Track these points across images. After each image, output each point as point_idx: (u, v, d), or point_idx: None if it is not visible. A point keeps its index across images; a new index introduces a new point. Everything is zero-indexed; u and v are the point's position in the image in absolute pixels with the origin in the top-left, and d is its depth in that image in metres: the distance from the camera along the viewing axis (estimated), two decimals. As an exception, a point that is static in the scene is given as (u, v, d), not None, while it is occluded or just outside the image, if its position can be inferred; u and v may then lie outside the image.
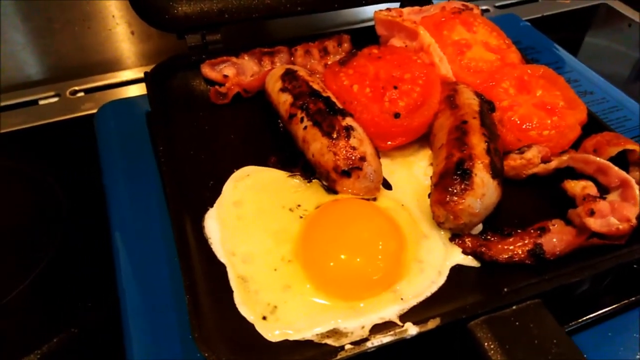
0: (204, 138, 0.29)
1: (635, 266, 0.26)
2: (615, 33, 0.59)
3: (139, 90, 0.50)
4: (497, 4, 0.61)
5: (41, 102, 0.48)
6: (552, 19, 0.60)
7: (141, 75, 0.51)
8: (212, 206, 0.26)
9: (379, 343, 0.19)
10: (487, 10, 0.60)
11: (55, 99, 0.49)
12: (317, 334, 0.21)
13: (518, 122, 0.28)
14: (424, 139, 0.28)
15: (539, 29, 0.58)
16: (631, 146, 0.25)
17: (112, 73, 0.52)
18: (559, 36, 0.59)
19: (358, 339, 0.20)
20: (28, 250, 0.35)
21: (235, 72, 0.31)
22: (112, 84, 0.51)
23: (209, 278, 0.23)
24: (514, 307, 0.21)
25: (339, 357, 0.19)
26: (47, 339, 0.30)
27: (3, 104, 0.47)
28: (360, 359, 0.20)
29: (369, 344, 0.19)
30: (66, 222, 0.36)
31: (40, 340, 0.30)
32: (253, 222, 0.25)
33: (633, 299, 0.25)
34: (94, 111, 0.46)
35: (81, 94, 0.49)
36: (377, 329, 0.20)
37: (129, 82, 0.51)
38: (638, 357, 0.22)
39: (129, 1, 0.30)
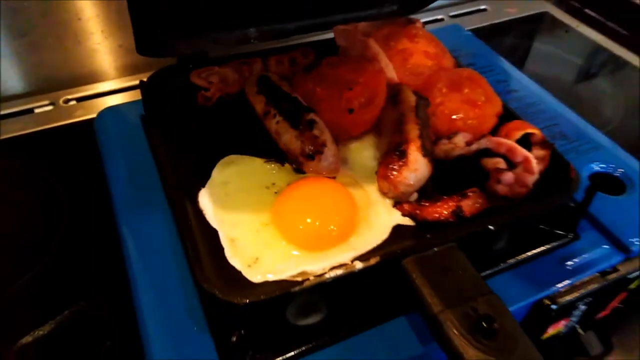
0: (193, 133, 0.37)
1: (541, 227, 0.34)
2: (556, 39, 0.68)
3: (127, 97, 0.57)
4: (450, 14, 0.70)
5: (37, 111, 0.55)
6: (501, 27, 0.69)
7: (128, 84, 0.59)
8: (204, 187, 0.33)
9: (334, 275, 0.27)
10: (441, 20, 0.69)
11: (50, 107, 0.56)
12: (289, 276, 0.28)
13: (448, 114, 0.36)
14: (374, 130, 0.37)
15: (490, 36, 0.67)
16: (531, 130, 0.34)
17: (101, 83, 0.59)
18: (509, 43, 0.68)
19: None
20: (30, 248, 0.41)
21: (218, 79, 0.39)
22: (102, 92, 0.58)
23: (205, 239, 0.30)
24: (435, 249, 0.29)
25: (304, 285, 0.27)
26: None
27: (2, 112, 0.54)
28: (320, 291, 0.28)
29: (326, 276, 0.27)
30: (68, 218, 0.43)
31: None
32: (238, 197, 0.33)
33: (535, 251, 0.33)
34: (86, 117, 0.53)
35: (73, 102, 0.56)
36: (333, 268, 0.28)
37: (117, 90, 0.58)
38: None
39: (135, 43, 0.35)
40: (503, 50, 0.64)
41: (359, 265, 0.28)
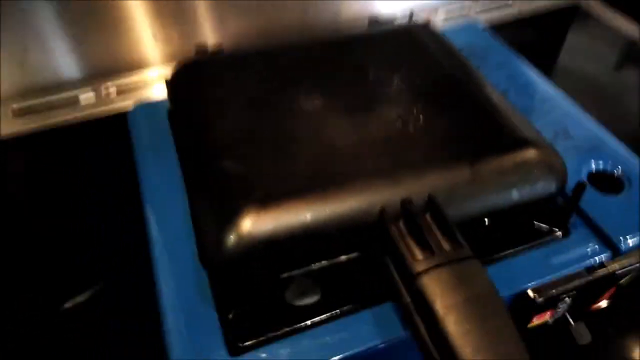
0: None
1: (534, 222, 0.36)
2: (588, 32, 0.67)
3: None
4: (478, 9, 0.70)
5: (81, 97, 0.60)
6: (531, 21, 0.69)
7: (164, 71, 0.63)
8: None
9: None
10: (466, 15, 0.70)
11: (92, 94, 0.60)
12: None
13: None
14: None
15: (518, 30, 0.67)
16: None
17: (139, 70, 0.63)
18: (539, 36, 0.68)
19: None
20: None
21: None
22: (140, 81, 0.62)
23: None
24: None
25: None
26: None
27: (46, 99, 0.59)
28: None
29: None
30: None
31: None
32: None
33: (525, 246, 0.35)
34: (126, 103, 0.57)
35: (113, 89, 0.61)
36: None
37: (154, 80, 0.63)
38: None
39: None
40: (531, 44, 0.65)
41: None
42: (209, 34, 0.65)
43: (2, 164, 0.50)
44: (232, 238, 0.29)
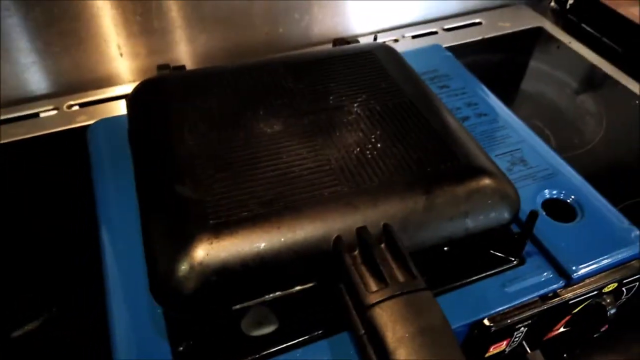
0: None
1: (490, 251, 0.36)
2: (547, 55, 0.69)
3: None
4: (445, 27, 0.72)
5: (42, 115, 0.59)
6: (495, 41, 0.70)
7: (129, 90, 0.62)
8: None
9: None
10: (435, 33, 0.71)
11: (54, 112, 0.59)
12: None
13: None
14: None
15: (483, 51, 0.69)
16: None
17: (104, 89, 0.63)
18: (502, 58, 0.69)
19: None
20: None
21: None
22: (104, 98, 0.62)
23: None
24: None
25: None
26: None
27: (5, 117, 0.58)
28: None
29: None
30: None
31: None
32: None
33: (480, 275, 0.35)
34: (88, 123, 0.57)
35: (76, 107, 0.60)
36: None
37: (119, 97, 0.62)
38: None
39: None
40: (495, 65, 0.66)
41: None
42: (178, 52, 0.65)
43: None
44: (183, 268, 0.28)
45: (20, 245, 0.45)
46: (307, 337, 0.32)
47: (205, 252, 0.29)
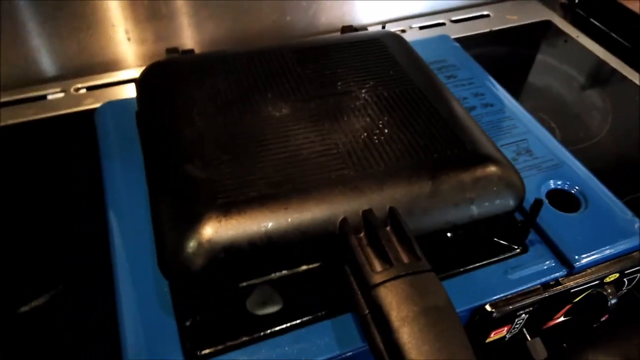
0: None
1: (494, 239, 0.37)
2: (555, 49, 0.69)
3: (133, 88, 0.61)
4: (452, 18, 0.72)
5: (49, 97, 0.60)
6: (502, 34, 0.70)
7: (136, 74, 0.63)
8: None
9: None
10: (442, 24, 0.71)
11: (61, 95, 0.60)
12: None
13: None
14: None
15: (490, 43, 0.69)
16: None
17: (110, 73, 0.63)
18: (509, 50, 0.70)
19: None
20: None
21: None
22: (111, 82, 0.62)
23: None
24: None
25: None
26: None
27: (13, 97, 0.58)
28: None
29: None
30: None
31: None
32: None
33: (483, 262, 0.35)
34: (95, 105, 0.57)
35: (83, 90, 0.61)
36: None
37: (126, 81, 0.62)
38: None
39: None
40: (502, 57, 0.67)
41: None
42: (185, 38, 0.65)
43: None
44: (192, 245, 0.29)
45: (28, 225, 0.45)
46: (310, 317, 0.32)
47: (214, 230, 0.29)
